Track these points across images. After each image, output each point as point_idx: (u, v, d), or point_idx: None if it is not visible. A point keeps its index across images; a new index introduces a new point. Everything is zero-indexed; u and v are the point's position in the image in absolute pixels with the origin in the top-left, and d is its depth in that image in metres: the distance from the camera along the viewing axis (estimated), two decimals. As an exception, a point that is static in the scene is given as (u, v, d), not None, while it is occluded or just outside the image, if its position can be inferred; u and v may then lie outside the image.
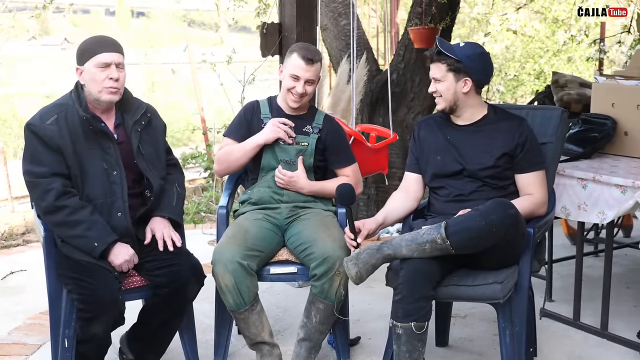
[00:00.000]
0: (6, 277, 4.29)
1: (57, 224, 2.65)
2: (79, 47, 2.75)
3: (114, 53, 2.70)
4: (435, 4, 5.74)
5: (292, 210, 3.07)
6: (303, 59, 3.01)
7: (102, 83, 2.67)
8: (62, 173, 2.64)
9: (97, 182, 2.69)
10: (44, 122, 2.65)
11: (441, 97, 2.82)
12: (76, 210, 2.62)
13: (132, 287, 2.76)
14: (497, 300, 2.58)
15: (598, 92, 3.69)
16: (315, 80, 3.06)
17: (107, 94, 2.69)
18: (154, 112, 2.92)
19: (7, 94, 19.16)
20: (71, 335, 2.67)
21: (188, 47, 7.01)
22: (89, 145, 2.69)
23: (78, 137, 2.67)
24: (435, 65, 2.80)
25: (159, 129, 2.93)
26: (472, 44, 2.84)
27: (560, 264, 4.14)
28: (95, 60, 2.67)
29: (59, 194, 2.61)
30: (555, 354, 3.15)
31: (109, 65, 2.67)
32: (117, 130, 2.79)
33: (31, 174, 2.65)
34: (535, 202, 2.75)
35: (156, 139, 2.90)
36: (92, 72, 2.68)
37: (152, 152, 2.85)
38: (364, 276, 2.57)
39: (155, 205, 2.84)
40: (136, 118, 2.81)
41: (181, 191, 2.95)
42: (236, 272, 2.78)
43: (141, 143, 2.80)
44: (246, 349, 3.11)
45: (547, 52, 11.44)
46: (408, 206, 2.94)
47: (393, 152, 5.70)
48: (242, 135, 3.15)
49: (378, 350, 3.09)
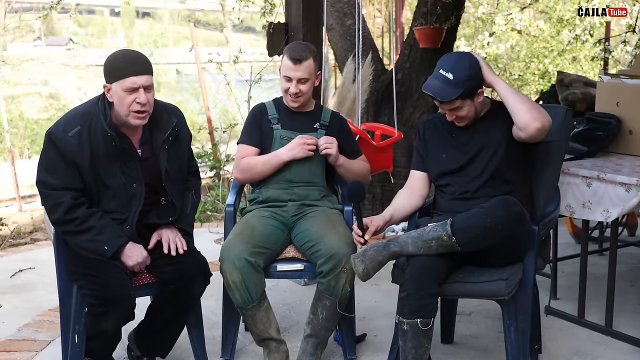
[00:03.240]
0: (15, 274, 4.33)
1: (67, 233, 2.67)
2: (107, 64, 2.65)
3: (143, 76, 2.61)
4: (440, 3, 5.76)
5: (299, 208, 3.10)
6: (290, 59, 3.04)
7: (130, 107, 2.61)
8: (75, 187, 2.64)
9: (115, 196, 2.69)
10: (67, 133, 2.61)
11: (464, 118, 2.79)
12: (85, 219, 2.62)
13: (141, 283, 2.79)
14: (501, 296, 2.61)
15: (603, 91, 3.71)
16: (308, 77, 3.06)
17: (134, 119, 2.64)
18: (181, 122, 2.86)
19: (13, 94, 19.24)
20: (81, 330, 2.71)
21: (194, 47, 7.02)
22: (110, 161, 2.66)
23: (99, 150, 2.64)
24: (446, 106, 2.75)
25: (185, 141, 2.88)
26: (457, 58, 2.75)
27: (564, 263, 4.16)
28: (123, 83, 2.58)
29: (68, 207, 2.61)
30: (560, 351, 3.17)
31: (137, 89, 2.59)
32: (143, 146, 2.76)
33: (44, 185, 2.65)
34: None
35: (181, 153, 2.86)
36: (120, 95, 2.60)
37: (176, 168, 2.83)
38: (370, 273, 2.60)
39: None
40: (165, 135, 2.76)
41: (196, 199, 2.95)
42: (244, 269, 2.81)
43: (168, 162, 2.77)
44: (253, 346, 3.14)
45: (552, 51, 11.44)
46: (414, 204, 2.96)
47: (398, 151, 5.72)
48: (257, 139, 3.18)
49: (384, 347, 3.11)
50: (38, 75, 22.70)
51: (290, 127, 3.15)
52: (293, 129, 3.14)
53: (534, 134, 2.65)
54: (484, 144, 2.81)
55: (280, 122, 3.16)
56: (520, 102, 2.67)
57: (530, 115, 2.64)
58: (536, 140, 2.70)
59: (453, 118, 2.80)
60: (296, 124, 3.15)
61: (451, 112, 2.78)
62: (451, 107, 2.75)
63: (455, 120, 2.81)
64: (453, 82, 2.69)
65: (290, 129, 3.14)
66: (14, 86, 19.35)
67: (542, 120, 2.64)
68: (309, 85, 3.09)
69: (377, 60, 6.16)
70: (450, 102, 2.71)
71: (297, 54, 3.03)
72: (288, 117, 3.17)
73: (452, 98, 2.69)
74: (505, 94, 2.71)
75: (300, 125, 3.15)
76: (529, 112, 2.65)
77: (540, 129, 2.63)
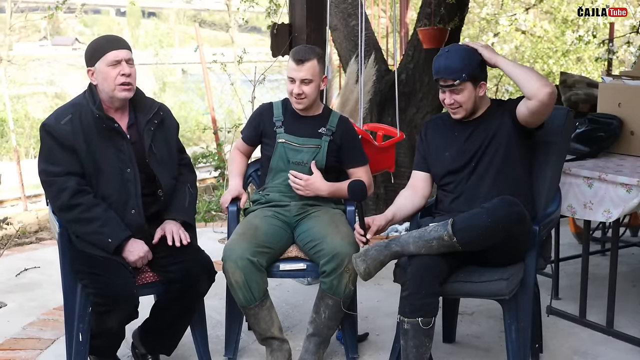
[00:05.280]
0: (20, 273, 4.36)
1: (72, 221, 2.71)
2: (87, 49, 2.81)
3: (123, 50, 2.75)
4: (444, 4, 5.77)
5: (301, 208, 3.12)
6: (294, 60, 3.06)
7: (115, 80, 2.72)
8: (77, 172, 2.70)
9: (111, 180, 2.74)
10: (59, 122, 2.71)
11: (461, 107, 2.80)
12: (90, 207, 2.68)
13: (144, 282, 2.81)
14: (502, 296, 2.63)
15: (605, 92, 3.72)
16: (311, 79, 3.06)
17: (121, 91, 2.74)
18: (167, 112, 2.97)
19: (19, 93, 19.29)
20: (85, 329, 2.73)
21: (199, 47, 7.04)
22: (103, 144, 2.74)
23: (92, 135, 2.72)
24: (447, 83, 2.76)
25: (171, 129, 2.97)
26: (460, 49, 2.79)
27: (567, 263, 4.17)
28: (105, 59, 2.72)
29: (73, 192, 2.67)
30: (561, 350, 3.18)
31: (119, 62, 2.73)
32: (130, 129, 2.84)
33: (47, 173, 2.71)
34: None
35: (169, 139, 2.94)
36: (104, 71, 2.73)
37: (164, 152, 2.89)
38: (372, 272, 2.62)
39: (167, 207, 2.89)
40: (149, 117, 2.85)
41: (193, 192, 2.99)
42: (246, 269, 2.83)
43: (154, 142, 2.85)
44: (256, 344, 3.16)
45: (556, 52, 11.43)
46: (416, 203, 2.98)
47: (401, 152, 5.74)
48: (248, 137, 3.27)
49: (386, 346, 3.13)
50: (44, 75, 22.76)
51: (294, 131, 3.15)
52: (297, 134, 3.14)
53: (544, 99, 2.62)
54: (484, 141, 2.82)
55: (284, 126, 3.17)
56: (527, 73, 2.69)
57: (540, 82, 2.64)
58: (546, 108, 2.67)
59: (451, 102, 2.79)
60: (301, 128, 3.15)
61: (450, 94, 2.78)
62: (452, 87, 2.75)
63: (452, 108, 2.81)
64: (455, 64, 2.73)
65: (293, 133, 3.15)
66: (19, 86, 19.41)
67: (551, 85, 2.65)
68: (313, 87, 3.09)
69: (380, 60, 6.17)
70: (453, 79, 2.72)
71: (300, 55, 3.06)
72: (293, 121, 3.17)
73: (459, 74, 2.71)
74: (510, 68, 2.73)
75: (305, 129, 3.15)
76: (538, 80, 2.66)
77: (551, 93, 2.62)
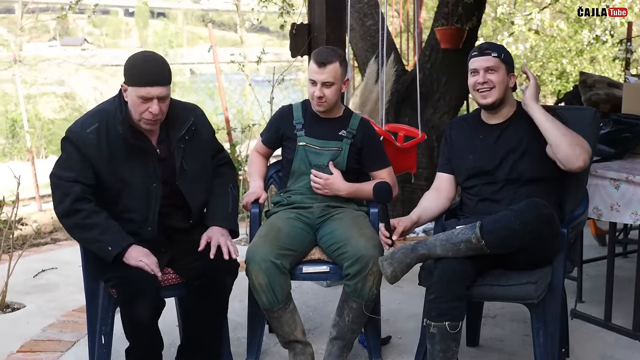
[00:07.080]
0: (38, 274, 4.35)
1: (72, 226, 2.67)
2: (127, 65, 2.66)
3: (158, 87, 2.61)
4: (462, 4, 5.73)
5: (324, 210, 3.08)
6: (315, 62, 3.03)
7: (142, 114, 2.64)
8: (85, 182, 2.65)
9: (136, 194, 2.70)
10: (85, 130, 2.65)
11: (494, 89, 2.77)
12: (91, 214, 2.63)
13: (167, 284, 2.77)
14: (531, 300, 2.58)
15: (629, 92, 3.67)
16: (332, 82, 3.02)
17: (144, 124, 2.67)
18: (200, 120, 2.87)
19: (29, 94, 19.31)
20: (108, 331, 2.71)
21: (212, 48, 7.02)
22: (129, 158, 2.68)
23: (118, 148, 2.66)
24: (485, 58, 2.76)
25: (205, 139, 2.89)
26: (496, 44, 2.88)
27: (588, 265, 4.12)
28: (137, 91, 2.60)
29: (76, 197, 2.62)
30: (588, 355, 3.14)
31: (150, 99, 2.61)
32: (160, 145, 2.77)
33: (56, 176, 2.68)
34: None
35: (202, 151, 2.86)
36: (134, 99, 2.63)
37: (197, 167, 2.82)
38: (398, 275, 2.58)
39: (211, 213, 2.85)
40: (180, 134, 2.77)
41: (235, 192, 2.95)
42: (269, 271, 2.80)
43: (185, 159, 2.78)
44: (278, 347, 3.13)
45: (570, 51, 11.37)
46: (441, 205, 2.94)
47: (419, 152, 5.67)
48: (268, 140, 3.25)
49: (409, 350, 3.10)
50: (54, 75, 22.79)
51: (314, 134, 3.12)
52: (317, 137, 3.11)
53: (576, 168, 2.66)
54: (512, 145, 2.79)
55: (304, 129, 3.14)
56: (563, 135, 2.65)
57: (573, 152, 2.63)
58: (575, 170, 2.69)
59: (484, 81, 2.76)
60: (321, 130, 3.12)
61: (484, 73, 2.76)
62: (488, 65, 2.75)
63: (483, 90, 2.77)
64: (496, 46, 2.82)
65: (314, 136, 3.12)
66: (30, 86, 19.43)
67: (584, 158, 2.63)
68: (334, 90, 3.05)
69: (398, 61, 6.14)
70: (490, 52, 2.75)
71: (322, 57, 3.02)
72: (314, 124, 3.14)
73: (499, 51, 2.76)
74: (543, 122, 2.70)
75: (326, 132, 3.12)
76: (571, 147, 2.63)
77: (585, 162, 2.64)
